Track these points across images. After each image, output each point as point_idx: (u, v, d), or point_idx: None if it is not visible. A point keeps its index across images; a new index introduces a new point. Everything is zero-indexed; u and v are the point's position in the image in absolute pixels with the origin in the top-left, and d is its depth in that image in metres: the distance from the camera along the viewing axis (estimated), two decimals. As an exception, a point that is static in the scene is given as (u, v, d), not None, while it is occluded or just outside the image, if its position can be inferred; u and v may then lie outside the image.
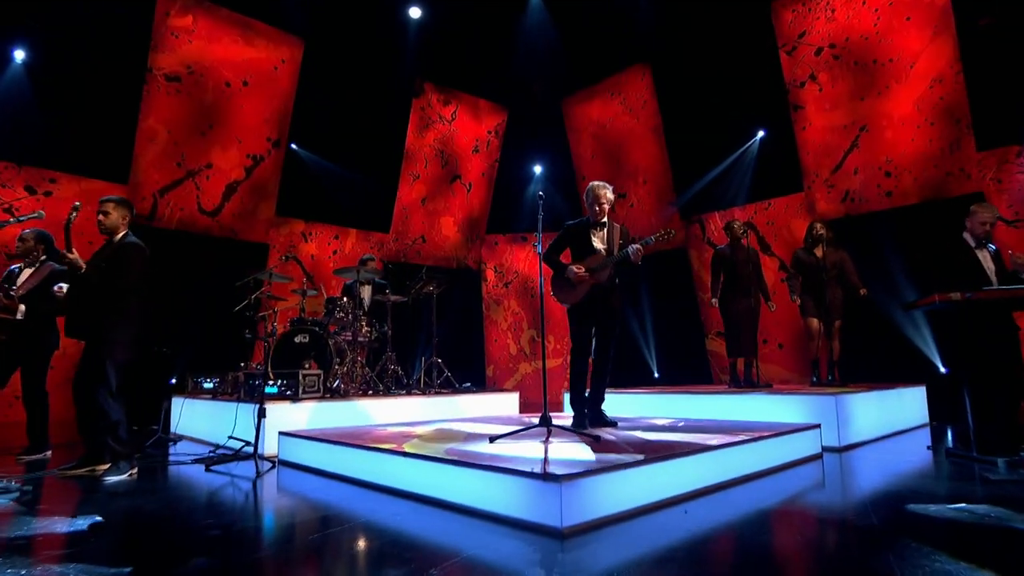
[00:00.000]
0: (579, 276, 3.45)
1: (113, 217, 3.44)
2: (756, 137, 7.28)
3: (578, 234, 3.58)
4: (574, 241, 3.59)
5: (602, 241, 3.54)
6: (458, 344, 8.21)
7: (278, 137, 7.23)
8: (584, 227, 3.57)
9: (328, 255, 7.86)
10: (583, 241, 3.54)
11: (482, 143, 9.01)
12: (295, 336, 4.72)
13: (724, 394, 4.62)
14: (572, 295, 3.51)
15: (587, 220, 3.60)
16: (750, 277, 5.18)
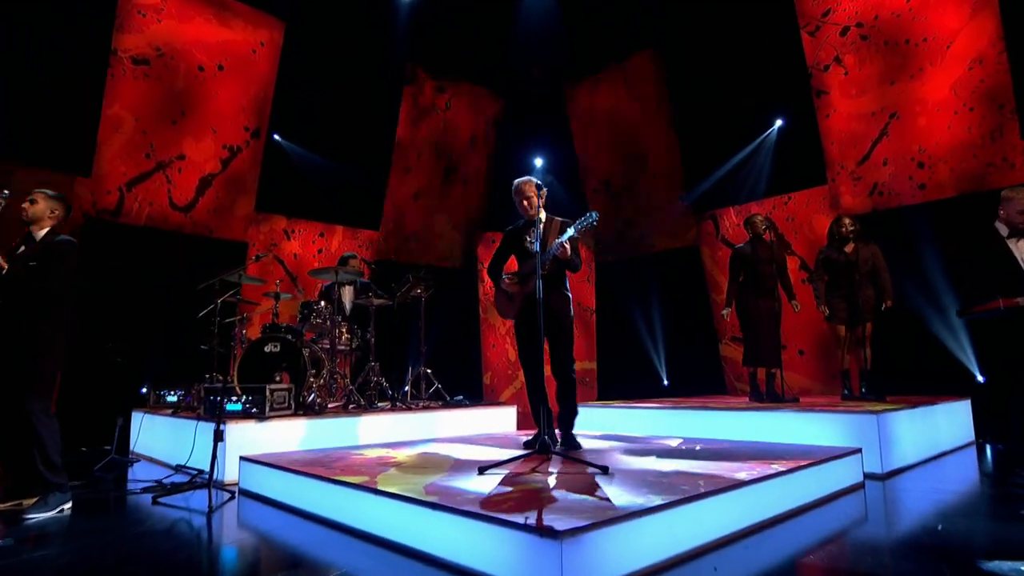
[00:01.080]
0: (508, 286, 3.29)
1: (39, 208, 3.04)
2: (774, 126, 6.91)
3: (516, 238, 3.36)
4: (514, 247, 3.41)
5: (535, 240, 3.24)
6: (452, 349, 7.87)
7: (257, 127, 6.84)
8: (519, 229, 3.38)
9: (312, 254, 7.48)
10: (516, 244, 3.37)
11: (479, 134, 8.67)
12: (265, 345, 4.30)
13: (745, 410, 4.19)
14: (509, 308, 3.33)
15: (523, 221, 3.43)
16: (773, 277, 4.81)
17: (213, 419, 3.58)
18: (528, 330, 3.34)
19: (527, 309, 3.28)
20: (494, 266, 3.52)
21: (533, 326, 3.29)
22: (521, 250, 3.41)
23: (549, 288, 3.32)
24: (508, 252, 3.52)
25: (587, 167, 8.55)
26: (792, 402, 4.58)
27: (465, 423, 4.71)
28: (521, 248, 3.40)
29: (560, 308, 3.36)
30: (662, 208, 7.89)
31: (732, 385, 7.25)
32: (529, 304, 3.26)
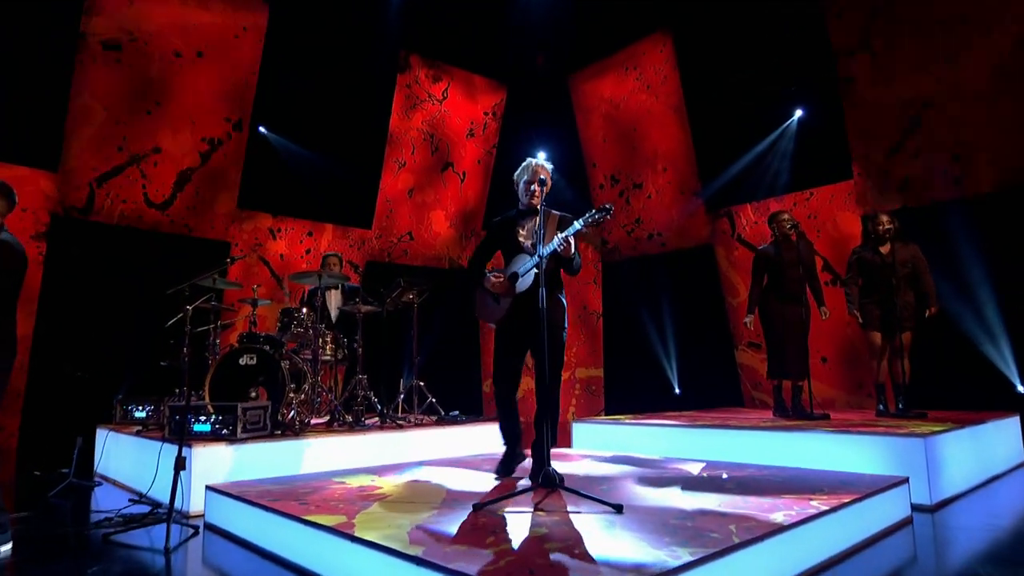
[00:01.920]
0: (495, 285, 2.94)
1: (-24, 202, 2.73)
2: (795, 116, 6.59)
3: (505, 230, 3.04)
4: (501, 241, 3.08)
5: (528, 235, 3.01)
6: (449, 356, 7.63)
7: (239, 118, 6.56)
8: (510, 220, 3.05)
9: (300, 254, 7.21)
10: (508, 237, 3.03)
11: (478, 126, 8.42)
12: (240, 357, 4.00)
13: (770, 429, 3.86)
14: (494, 311, 3.00)
15: (514, 210, 3.09)
16: (800, 281, 4.50)
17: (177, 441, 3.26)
18: (514, 339, 3.03)
19: (516, 313, 2.97)
20: (477, 261, 3.16)
21: (522, 334, 3.01)
22: (511, 244, 3.04)
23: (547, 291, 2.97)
24: (494, 246, 3.17)
25: (593, 160, 8.28)
26: (822, 419, 4.26)
27: (461, 442, 4.40)
28: (511, 242, 3.05)
29: (556, 316, 3.03)
30: (674, 204, 7.61)
31: (749, 394, 6.94)
32: (519, 308, 2.96)
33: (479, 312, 3.11)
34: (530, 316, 2.91)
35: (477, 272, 3.12)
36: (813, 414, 4.32)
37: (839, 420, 4.27)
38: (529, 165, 3.11)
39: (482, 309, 3.11)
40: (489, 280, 2.99)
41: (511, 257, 3.06)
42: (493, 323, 3.04)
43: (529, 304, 2.92)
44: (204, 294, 4.36)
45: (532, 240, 3.02)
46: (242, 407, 3.52)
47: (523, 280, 2.96)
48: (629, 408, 7.54)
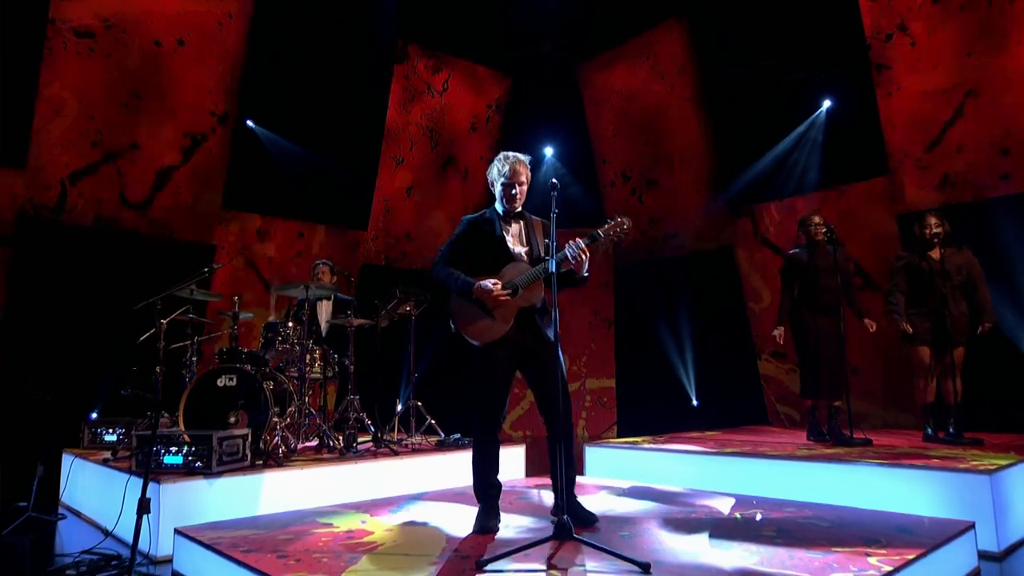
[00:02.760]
0: (496, 296, 2.59)
1: None
2: (824, 107, 6.30)
3: (482, 232, 2.73)
4: (477, 244, 2.75)
5: (519, 240, 2.76)
6: (450, 369, 7.36)
7: (225, 111, 6.27)
8: (490, 222, 2.75)
9: (290, 257, 6.94)
10: (490, 242, 2.71)
11: (480, 119, 8.16)
12: (218, 377, 3.73)
13: (807, 460, 3.55)
14: (489, 328, 2.64)
15: (492, 212, 2.79)
16: (836, 291, 4.19)
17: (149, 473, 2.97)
18: (510, 362, 2.70)
19: (518, 330, 2.66)
20: (450, 261, 2.76)
21: (520, 357, 2.71)
22: (494, 249, 2.71)
23: (542, 305, 2.73)
24: (467, 247, 2.79)
25: (604, 156, 8.04)
26: (863, 445, 3.96)
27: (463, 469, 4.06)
28: (494, 246, 2.71)
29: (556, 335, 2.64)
30: (691, 204, 7.36)
31: (773, 408, 6.66)
32: (522, 324, 2.67)
33: (462, 326, 2.73)
34: (532, 337, 2.66)
35: (455, 277, 2.70)
36: (853, 439, 4.02)
37: (883, 446, 3.97)
38: (508, 163, 2.76)
39: (467, 322, 2.71)
40: (485, 289, 2.61)
41: (493, 264, 2.73)
42: (484, 342, 2.68)
43: (529, 321, 2.66)
44: (181, 306, 4.07)
45: (527, 248, 2.78)
46: (218, 437, 3.23)
47: (527, 294, 2.68)
48: (643, 422, 7.35)
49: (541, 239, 2.79)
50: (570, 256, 2.57)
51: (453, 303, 2.76)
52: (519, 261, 2.72)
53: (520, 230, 2.80)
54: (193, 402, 3.70)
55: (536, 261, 2.73)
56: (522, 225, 2.81)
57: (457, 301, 2.74)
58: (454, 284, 2.70)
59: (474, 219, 2.83)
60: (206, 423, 3.62)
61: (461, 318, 2.73)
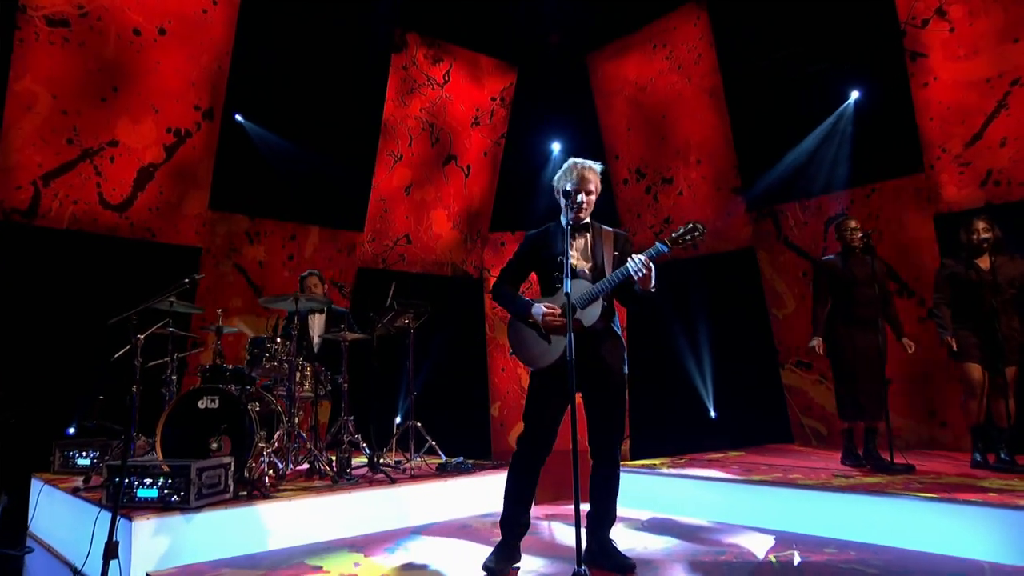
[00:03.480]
0: (551, 320, 2.53)
1: None
2: (852, 98, 6.11)
3: (544, 247, 2.69)
4: (539, 260, 2.72)
5: (583, 255, 2.67)
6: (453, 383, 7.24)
7: (210, 105, 6.10)
8: (551, 238, 2.70)
9: (282, 261, 6.77)
10: (550, 259, 2.66)
11: (484, 113, 8.01)
12: (199, 399, 3.55)
13: (845, 491, 3.31)
14: (543, 353, 2.58)
15: (556, 226, 2.72)
16: (874, 303, 4.00)
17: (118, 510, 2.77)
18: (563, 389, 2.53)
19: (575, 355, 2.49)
20: (506, 281, 2.77)
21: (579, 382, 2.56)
22: (555, 267, 2.63)
23: (602, 327, 2.61)
24: (530, 266, 2.79)
25: (615, 152, 7.89)
26: (905, 473, 3.73)
27: (467, 497, 3.90)
28: (555, 264, 2.63)
29: (615, 359, 2.63)
30: (709, 202, 7.19)
31: (797, 420, 6.46)
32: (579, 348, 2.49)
33: (519, 352, 2.69)
34: (591, 362, 2.54)
35: (512, 299, 2.70)
36: (894, 465, 3.79)
37: (928, 474, 3.74)
38: (574, 169, 2.70)
39: (524, 349, 2.66)
40: (540, 314, 2.55)
41: (554, 283, 2.66)
42: (540, 367, 2.61)
43: (588, 343, 2.54)
44: (160, 319, 3.87)
45: (591, 263, 2.65)
46: (196, 468, 3.02)
47: (585, 314, 2.55)
48: (657, 435, 7.22)
49: (610, 252, 2.67)
50: (632, 272, 2.45)
51: (510, 326, 2.73)
52: (582, 279, 2.60)
53: (586, 244, 2.69)
54: (171, 426, 3.51)
55: (600, 278, 2.60)
56: (588, 238, 2.70)
57: (514, 324, 2.71)
58: (511, 307, 2.69)
59: (536, 235, 2.78)
60: (186, 449, 3.44)
61: (516, 342, 2.70)
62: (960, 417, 4.93)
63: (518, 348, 2.68)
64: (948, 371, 5.27)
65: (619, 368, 2.63)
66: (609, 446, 2.61)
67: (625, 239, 2.73)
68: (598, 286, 2.53)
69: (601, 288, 2.52)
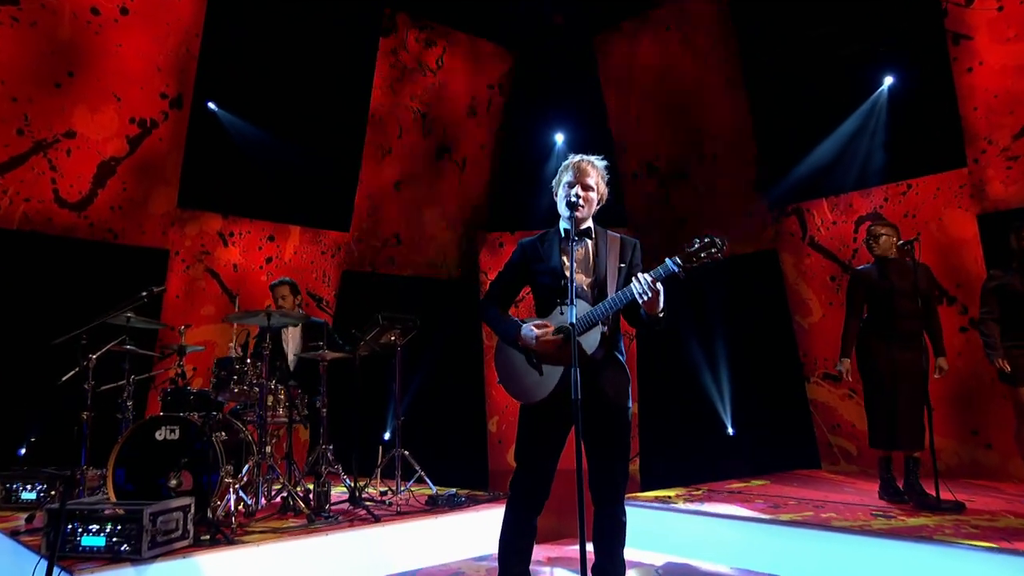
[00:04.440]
0: (543, 344, 2.35)
1: None
2: (884, 86, 5.98)
3: (539, 258, 2.52)
4: (532, 273, 2.55)
5: (582, 268, 2.49)
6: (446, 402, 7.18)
7: (178, 92, 5.97)
8: (548, 246, 2.53)
9: (259, 264, 6.65)
10: (546, 272, 2.49)
11: (481, 102, 7.92)
12: (156, 429, 3.38)
13: (890, 537, 3.10)
14: (533, 384, 2.39)
15: (554, 232, 2.55)
16: (915, 318, 3.86)
17: (55, 562, 2.56)
18: (559, 425, 2.42)
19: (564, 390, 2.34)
20: (494, 298, 2.60)
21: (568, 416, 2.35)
22: (551, 280, 2.47)
23: (603, 355, 2.40)
24: (522, 279, 2.60)
25: (624, 144, 7.79)
26: (953, 511, 3.54)
27: (460, 537, 3.70)
28: (550, 278, 2.47)
29: (617, 393, 2.42)
30: (727, 200, 7.10)
31: (825, 439, 6.32)
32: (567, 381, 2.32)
33: (507, 384, 2.50)
34: (589, 394, 2.30)
35: (500, 319, 2.51)
36: (940, 502, 3.59)
37: (979, 513, 3.54)
38: (570, 165, 2.54)
39: (512, 380, 2.46)
40: (531, 336, 2.35)
41: (551, 300, 2.46)
42: (528, 401, 2.43)
43: (587, 376, 2.31)
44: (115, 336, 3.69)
45: (591, 277, 2.45)
46: (150, 512, 2.80)
47: (583, 340, 2.32)
48: (671, 454, 7.15)
49: (614, 264, 2.45)
50: (636, 295, 2.22)
51: (497, 351, 2.54)
52: (580, 298, 2.37)
53: (586, 253, 2.48)
54: (125, 461, 3.33)
55: (602, 296, 2.38)
56: (588, 246, 2.49)
57: (502, 349, 2.51)
58: (498, 328, 2.52)
59: (530, 243, 2.58)
60: (141, 486, 3.28)
61: (504, 370, 2.49)
62: (1009, 439, 4.75)
63: (506, 378, 2.49)
64: (994, 387, 5.12)
65: (622, 403, 2.43)
66: (612, 494, 2.42)
67: (634, 247, 2.53)
68: (598, 309, 2.32)
69: (601, 312, 2.32)
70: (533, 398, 2.38)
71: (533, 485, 2.43)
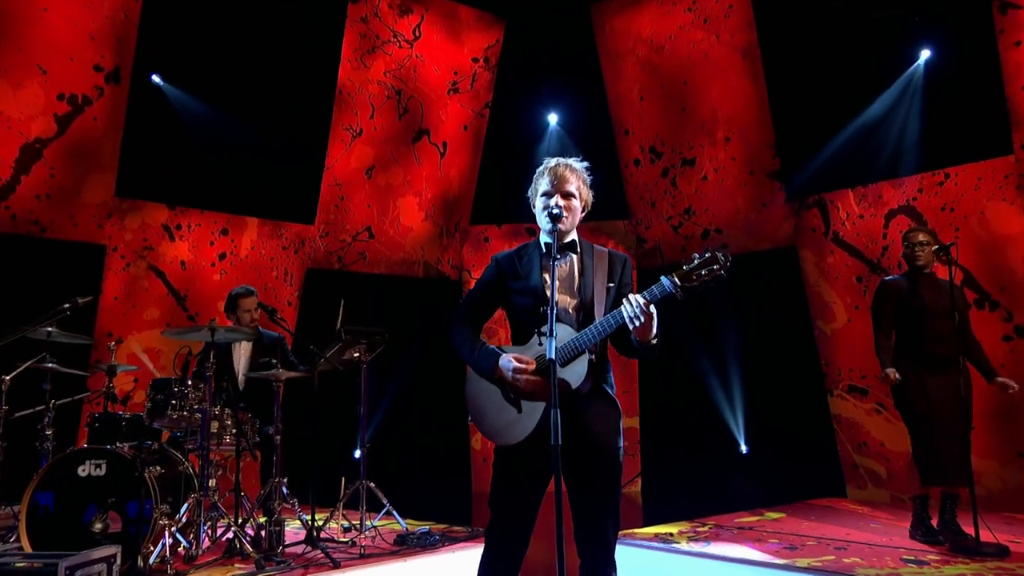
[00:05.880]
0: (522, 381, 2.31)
1: None
2: (919, 61, 6.01)
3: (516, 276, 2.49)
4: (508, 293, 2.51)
5: (565, 287, 2.46)
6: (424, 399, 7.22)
7: (115, 65, 5.92)
8: (527, 262, 2.50)
9: (210, 262, 6.61)
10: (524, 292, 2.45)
11: (464, 77, 7.90)
12: (79, 464, 3.29)
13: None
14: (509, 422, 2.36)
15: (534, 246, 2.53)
16: (952, 339, 3.83)
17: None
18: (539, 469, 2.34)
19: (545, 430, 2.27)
20: (464, 320, 2.54)
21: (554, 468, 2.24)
22: (529, 303, 2.42)
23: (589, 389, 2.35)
24: (497, 299, 2.55)
25: (625, 125, 7.81)
26: (997, 556, 3.47)
27: (434, 583, 3.60)
28: (529, 299, 2.42)
29: (606, 432, 2.35)
30: (740, 189, 7.15)
31: (849, 458, 6.31)
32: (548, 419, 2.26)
33: (480, 422, 2.43)
34: (574, 434, 2.26)
35: (471, 345, 2.43)
36: (980, 545, 3.52)
37: None
38: (545, 171, 2.47)
39: (485, 417, 2.40)
40: (509, 369, 2.29)
41: (529, 322, 2.41)
42: (504, 443, 2.36)
43: (572, 413, 2.27)
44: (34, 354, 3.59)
45: (576, 299, 2.42)
46: (66, 567, 2.69)
47: (567, 371, 2.27)
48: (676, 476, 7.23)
49: (602, 283, 2.41)
50: (627, 319, 2.16)
51: (469, 383, 2.47)
52: (563, 322, 2.32)
53: (570, 271, 2.44)
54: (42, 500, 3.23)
55: (588, 320, 2.33)
56: (572, 262, 2.45)
57: (474, 381, 2.44)
58: (469, 356, 2.42)
59: (506, 257, 2.52)
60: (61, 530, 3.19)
61: (476, 406, 2.42)
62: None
63: (479, 415, 2.41)
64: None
65: (612, 444, 2.35)
66: (601, 551, 2.33)
67: (624, 264, 2.49)
68: (584, 335, 2.26)
69: (588, 339, 2.26)
70: (511, 439, 2.32)
71: (512, 540, 2.37)
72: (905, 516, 4.15)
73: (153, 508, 3.28)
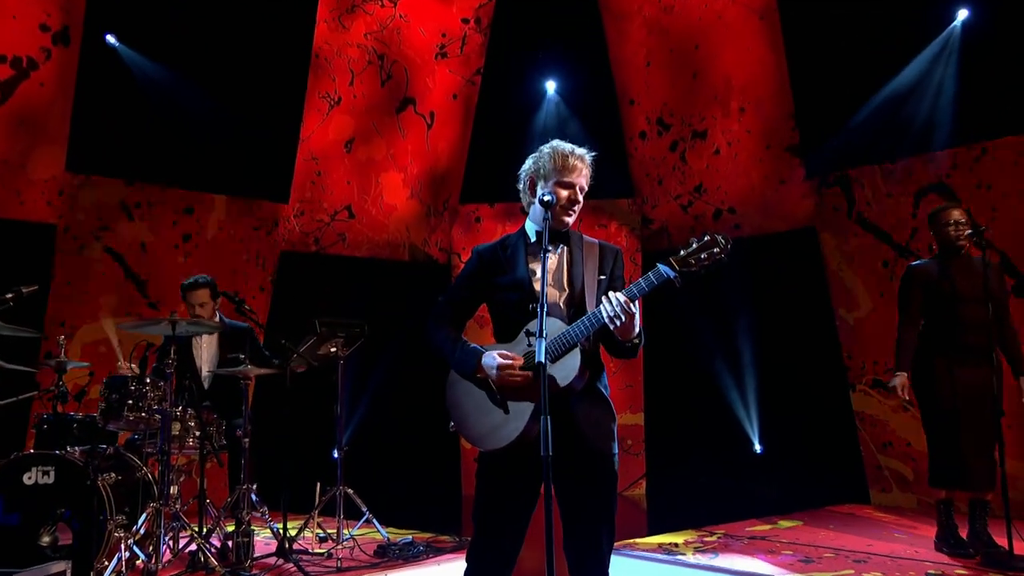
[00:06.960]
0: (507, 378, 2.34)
1: None
2: (956, 21, 6.02)
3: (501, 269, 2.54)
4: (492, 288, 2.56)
5: (554, 280, 2.53)
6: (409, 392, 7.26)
7: (64, 24, 5.92)
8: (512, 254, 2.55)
9: (174, 244, 6.64)
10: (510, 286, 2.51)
11: (453, 40, 7.87)
12: (25, 471, 3.33)
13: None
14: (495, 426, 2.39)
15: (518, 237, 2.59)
16: (985, 328, 3.83)
17: None
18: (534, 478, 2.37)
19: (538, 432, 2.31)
20: (444, 318, 2.58)
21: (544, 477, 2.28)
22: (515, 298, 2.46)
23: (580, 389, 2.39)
24: (480, 295, 2.59)
25: (630, 95, 7.80)
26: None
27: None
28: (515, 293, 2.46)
29: (599, 435, 2.39)
30: (756, 165, 7.19)
31: (872, 461, 6.39)
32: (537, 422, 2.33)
33: (461, 421, 2.46)
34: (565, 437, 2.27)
35: (452, 344, 2.47)
36: (1014, 559, 3.55)
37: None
38: (556, 156, 2.45)
39: (470, 420, 2.42)
40: (495, 367, 2.33)
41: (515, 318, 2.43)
42: (489, 447, 2.38)
43: (563, 414, 2.30)
44: None
45: (566, 292, 2.47)
46: (8, 585, 2.69)
47: (558, 368, 2.29)
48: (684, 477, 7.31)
49: (593, 276, 2.47)
50: (605, 317, 2.21)
51: (450, 386, 2.50)
52: (553, 316, 2.36)
53: (559, 263, 2.48)
54: None
55: (579, 313, 2.37)
56: (562, 255, 2.50)
57: (456, 382, 2.47)
58: (450, 356, 2.47)
59: (489, 249, 2.57)
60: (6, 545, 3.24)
61: (459, 410, 2.45)
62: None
63: (462, 419, 2.43)
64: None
65: (606, 448, 2.39)
66: (596, 567, 2.36)
67: (615, 256, 2.54)
68: (575, 328, 2.30)
69: (580, 331, 2.30)
70: (497, 443, 2.33)
71: (495, 557, 2.37)
72: (933, 523, 4.19)
73: (107, 519, 3.32)
